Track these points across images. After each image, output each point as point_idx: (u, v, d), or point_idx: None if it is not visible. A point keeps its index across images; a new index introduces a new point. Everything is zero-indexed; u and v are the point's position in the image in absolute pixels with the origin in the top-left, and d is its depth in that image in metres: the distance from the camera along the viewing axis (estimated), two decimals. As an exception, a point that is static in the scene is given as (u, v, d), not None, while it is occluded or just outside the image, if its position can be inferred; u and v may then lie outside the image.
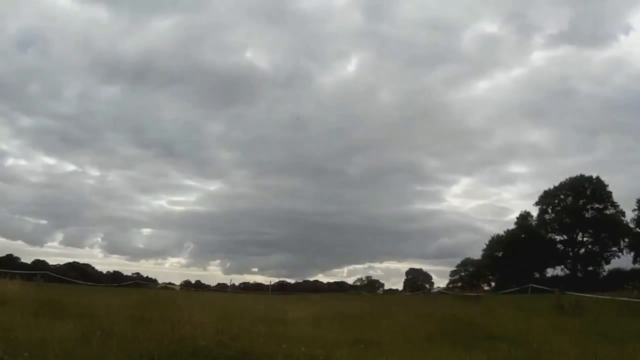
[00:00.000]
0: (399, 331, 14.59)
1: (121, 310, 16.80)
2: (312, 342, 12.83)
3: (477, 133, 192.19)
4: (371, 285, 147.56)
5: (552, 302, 26.64)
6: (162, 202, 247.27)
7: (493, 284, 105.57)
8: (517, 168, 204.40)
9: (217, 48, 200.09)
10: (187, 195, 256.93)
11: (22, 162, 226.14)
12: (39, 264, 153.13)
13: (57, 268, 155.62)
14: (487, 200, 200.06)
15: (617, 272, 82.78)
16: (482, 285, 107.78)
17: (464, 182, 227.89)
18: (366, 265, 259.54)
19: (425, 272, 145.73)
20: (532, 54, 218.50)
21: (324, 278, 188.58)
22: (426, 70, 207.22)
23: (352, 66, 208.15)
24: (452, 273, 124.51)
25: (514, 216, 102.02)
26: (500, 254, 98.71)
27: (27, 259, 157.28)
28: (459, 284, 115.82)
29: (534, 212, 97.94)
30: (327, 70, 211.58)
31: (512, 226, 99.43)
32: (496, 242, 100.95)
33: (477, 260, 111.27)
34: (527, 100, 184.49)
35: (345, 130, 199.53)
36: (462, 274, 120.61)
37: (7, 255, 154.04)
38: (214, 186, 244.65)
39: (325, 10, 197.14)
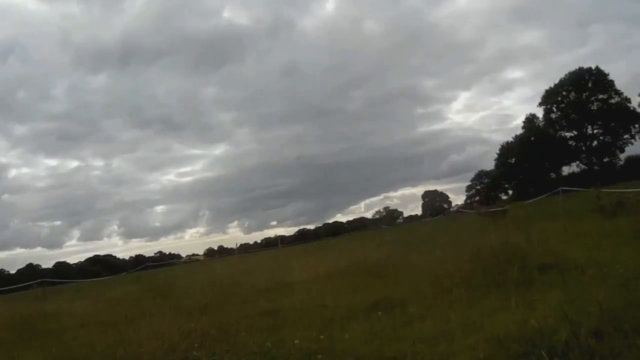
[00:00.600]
0: (428, 281, 11.36)
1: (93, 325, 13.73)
2: (316, 313, 10.33)
3: (469, 45, 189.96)
4: (390, 216, 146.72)
5: (591, 203, 23.38)
6: (170, 177, 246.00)
7: (510, 192, 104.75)
8: (514, 73, 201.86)
9: (195, 14, 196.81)
10: (194, 165, 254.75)
11: (25, 170, 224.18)
12: (61, 267, 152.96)
13: (79, 266, 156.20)
14: (490, 111, 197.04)
15: (635, 159, 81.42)
16: (500, 194, 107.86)
17: (464, 97, 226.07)
18: (382, 196, 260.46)
19: (441, 193, 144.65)
20: None
21: (342, 217, 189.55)
22: None
23: (330, 3, 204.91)
24: (468, 188, 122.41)
25: (519, 122, 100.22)
26: (513, 160, 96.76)
27: (48, 264, 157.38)
28: (477, 198, 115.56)
29: (539, 113, 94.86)
30: (307, 13, 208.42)
31: (519, 131, 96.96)
32: (507, 150, 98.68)
33: (491, 171, 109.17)
34: (514, 3, 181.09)
35: (338, 68, 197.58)
36: (478, 187, 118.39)
37: (27, 265, 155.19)
38: (219, 150, 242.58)
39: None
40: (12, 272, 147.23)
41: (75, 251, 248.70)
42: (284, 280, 16.19)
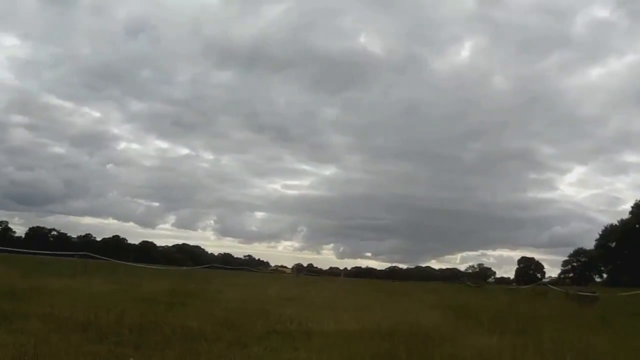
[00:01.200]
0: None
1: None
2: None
3: (591, 120, 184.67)
4: (482, 274, 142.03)
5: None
6: (276, 186, 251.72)
7: (605, 275, 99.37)
8: (631, 157, 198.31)
9: (329, 33, 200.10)
10: (301, 179, 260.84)
11: (135, 145, 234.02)
12: (147, 246, 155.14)
13: (166, 250, 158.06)
14: (601, 190, 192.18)
15: None
16: (594, 275, 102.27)
17: (578, 171, 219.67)
18: (479, 252, 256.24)
19: (537, 262, 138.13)
20: None
21: (436, 264, 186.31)
22: (539, 55, 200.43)
23: (465, 51, 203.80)
24: (564, 263, 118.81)
25: (627, 206, 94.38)
26: (614, 244, 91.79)
27: (135, 240, 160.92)
28: (570, 275, 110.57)
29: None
30: (440, 55, 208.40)
31: (626, 216, 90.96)
32: (610, 232, 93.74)
33: (590, 251, 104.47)
34: None
35: (459, 116, 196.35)
36: (574, 264, 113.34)
37: (113, 236, 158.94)
38: (328, 171, 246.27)
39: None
40: (98, 238, 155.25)
41: (166, 235, 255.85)
42: (306, 324, 13.12)
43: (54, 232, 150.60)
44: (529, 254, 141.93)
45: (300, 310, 15.94)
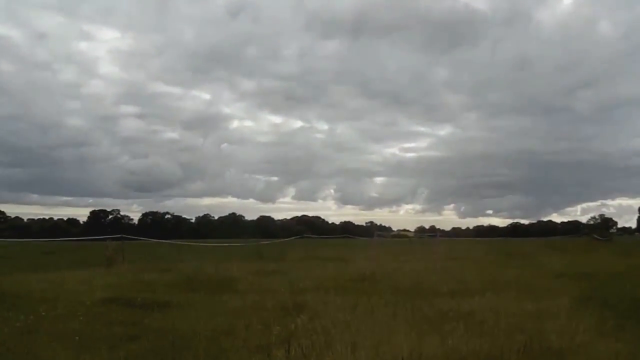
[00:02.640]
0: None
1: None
2: None
3: None
4: (604, 225, 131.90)
5: None
6: (393, 150, 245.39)
7: None
8: None
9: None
10: (418, 142, 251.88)
11: (248, 123, 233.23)
12: (264, 220, 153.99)
13: (285, 223, 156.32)
14: None
15: None
16: None
17: None
18: (599, 202, 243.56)
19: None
20: None
21: (557, 217, 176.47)
22: None
23: None
24: None
25: None
26: None
27: (254, 216, 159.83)
28: None
29: None
30: (544, 6, 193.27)
31: None
32: None
33: None
34: None
35: (570, 66, 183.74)
36: None
37: (230, 214, 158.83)
38: (444, 131, 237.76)
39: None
40: (215, 217, 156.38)
41: (287, 208, 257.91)
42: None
43: (167, 216, 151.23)
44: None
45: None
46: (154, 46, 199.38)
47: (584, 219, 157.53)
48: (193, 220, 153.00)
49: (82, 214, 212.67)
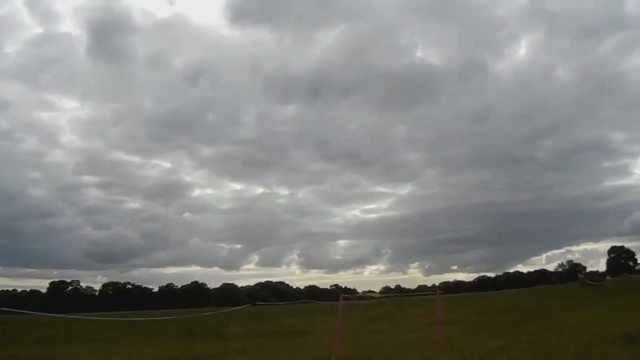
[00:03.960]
0: None
1: None
2: None
3: None
4: (572, 271, 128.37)
5: None
6: (355, 212, 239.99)
7: None
8: None
9: (387, 51, 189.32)
10: (379, 202, 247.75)
11: (209, 191, 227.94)
12: (227, 288, 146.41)
13: (249, 289, 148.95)
14: None
15: None
16: None
17: None
18: (563, 249, 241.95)
19: (628, 250, 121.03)
20: None
21: (523, 268, 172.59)
22: (597, 41, 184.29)
23: (523, 49, 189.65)
24: None
25: None
26: None
27: (217, 284, 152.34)
28: None
29: None
30: (500, 57, 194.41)
31: None
32: None
33: None
34: None
35: (528, 115, 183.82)
36: None
37: (192, 282, 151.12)
38: (405, 190, 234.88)
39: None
40: (178, 286, 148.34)
41: (251, 275, 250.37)
42: None
43: (129, 286, 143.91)
44: (613, 244, 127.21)
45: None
46: (113, 114, 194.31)
47: (550, 267, 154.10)
48: (156, 290, 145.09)
49: (45, 285, 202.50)
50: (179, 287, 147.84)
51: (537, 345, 12.66)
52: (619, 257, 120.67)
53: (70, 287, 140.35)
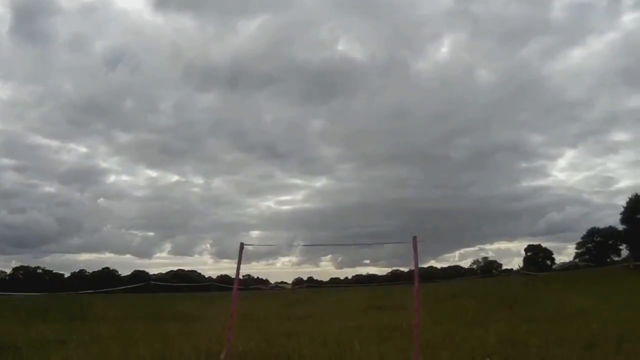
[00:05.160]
0: None
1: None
2: None
3: (578, 103, 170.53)
4: (487, 267, 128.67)
5: None
6: (269, 203, 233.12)
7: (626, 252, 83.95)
8: (620, 136, 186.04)
9: (308, 44, 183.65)
10: (294, 194, 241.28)
11: (125, 177, 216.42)
12: (138, 275, 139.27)
13: (160, 277, 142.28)
14: (593, 172, 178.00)
15: None
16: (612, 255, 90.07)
17: (569, 155, 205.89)
18: (476, 247, 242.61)
19: (545, 249, 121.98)
20: (624, 15, 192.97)
21: (436, 264, 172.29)
22: (520, 44, 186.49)
23: (446, 48, 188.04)
24: (579, 245, 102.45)
25: (621, 185, 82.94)
26: None
27: (128, 271, 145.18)
28: (587, 257, 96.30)
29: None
30: (421, 55, 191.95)
31: (621, 195, 77.74)
32: (634, 203, 77.28)
33: (606, 229, 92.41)
34: (623, 65, 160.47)
35: (446, 114, 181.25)
36: (589, 245, 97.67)
37: (103, 269, 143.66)
38: (320, 183, 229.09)
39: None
40: (89, 271, 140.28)
41: (163, 263, 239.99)
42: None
43: (39, 271, 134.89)
44: (527, 244, 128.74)
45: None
46: (33, 96, 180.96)
47: (463, 264, 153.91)
48: (68, 275, 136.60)
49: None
50: (90, 272, 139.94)
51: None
52: (536, 256, 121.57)
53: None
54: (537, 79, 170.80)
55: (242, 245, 9.26)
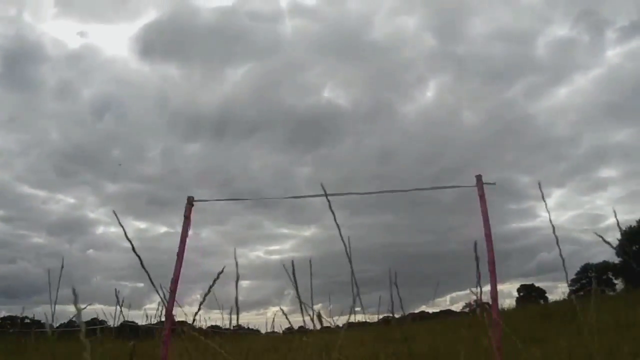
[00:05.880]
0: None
1: None
2: None
3: (564, 141, 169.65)
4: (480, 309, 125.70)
5: None
6: (258, 253, 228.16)
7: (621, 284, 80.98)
8: (607, 172, 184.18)
9: (294, 90, 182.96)
10: (282, 244, 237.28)
11: (113, 229, 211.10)
12: (126, 326, 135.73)
13: (149, 328, 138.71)
14: (581, 210, 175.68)
15: None
16: (606, 290, 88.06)
17: (557, 194, 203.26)
18: (467, 290, 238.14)
19: (538, 287, 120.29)
20: (607, 50, 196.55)
21: (428, 309, 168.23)
22: (505, 84, 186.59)
23: (431, 91, 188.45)
24: (573, 282, 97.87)
25: (610, 222, 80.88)
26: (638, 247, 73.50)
27: (117, 322, 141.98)
28: (581, 294, 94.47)
29: None
30: (407, 99, 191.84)
31: (610, 232, 73.68)
32: (629, 235, 74.70)
33: (600, 264, 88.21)
34: (608, 100, 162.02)
35: (433, 157, 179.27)
36: (583, 281, 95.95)
37: (92, 319, 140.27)
38: (308, 231, 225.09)
39: (397, 37, 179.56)
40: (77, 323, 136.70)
41: (154, 315, 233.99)
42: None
43: (27, 321, 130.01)
44: (518, 284, 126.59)
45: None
46: (20, 145, 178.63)
47: (455, 308, 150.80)
48: (57, 326, 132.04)
49: None
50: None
51: None
52: (529, 295, 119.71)
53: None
54: (523, 117, 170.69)
55: (189, 199, 8.56)
